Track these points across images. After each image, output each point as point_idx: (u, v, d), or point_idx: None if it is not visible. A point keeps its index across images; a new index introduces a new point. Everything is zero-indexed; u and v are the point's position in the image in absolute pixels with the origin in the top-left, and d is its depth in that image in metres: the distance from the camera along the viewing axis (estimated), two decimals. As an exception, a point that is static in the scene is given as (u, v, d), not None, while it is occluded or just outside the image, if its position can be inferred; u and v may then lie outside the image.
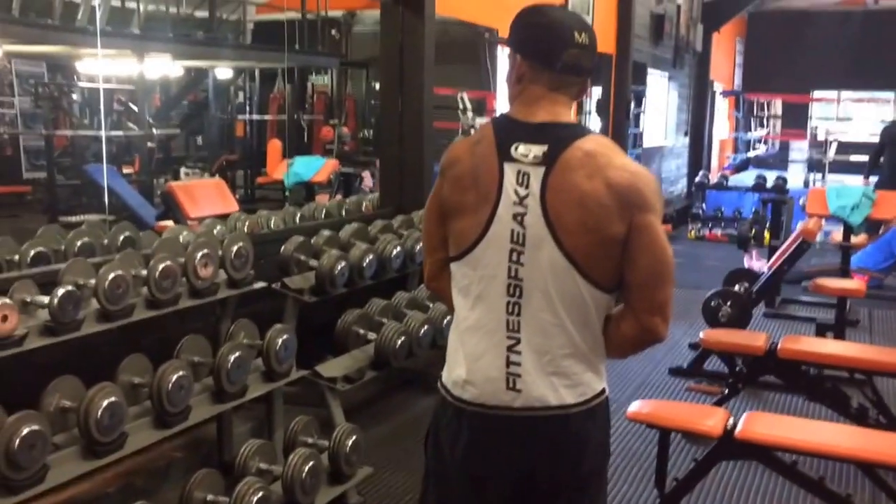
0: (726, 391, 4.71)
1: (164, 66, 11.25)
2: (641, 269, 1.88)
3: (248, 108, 13.15)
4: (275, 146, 11.65)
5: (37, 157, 10.65)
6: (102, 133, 5.34)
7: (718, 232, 11.27)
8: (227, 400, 3.35)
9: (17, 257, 3.66)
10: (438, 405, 2.07)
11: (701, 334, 4.80)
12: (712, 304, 5.80)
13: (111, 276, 3.05)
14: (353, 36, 11.87)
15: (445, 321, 4.40)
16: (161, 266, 3.27)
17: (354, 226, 4.68)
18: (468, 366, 1.97)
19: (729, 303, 5.72)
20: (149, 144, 10.06)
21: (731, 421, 3.49)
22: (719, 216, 11.40)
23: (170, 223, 6.60)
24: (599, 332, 1.95)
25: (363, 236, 4.64)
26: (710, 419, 3.53)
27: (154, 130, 10.50)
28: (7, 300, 2.72)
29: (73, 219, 7.45)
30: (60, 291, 2.88)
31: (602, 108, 10.14)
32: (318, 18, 11.12)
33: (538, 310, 1.89)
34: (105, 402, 2.76)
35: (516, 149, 1.89)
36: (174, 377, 3.04)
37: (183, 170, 11.60)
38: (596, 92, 10.38)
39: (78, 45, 8.20)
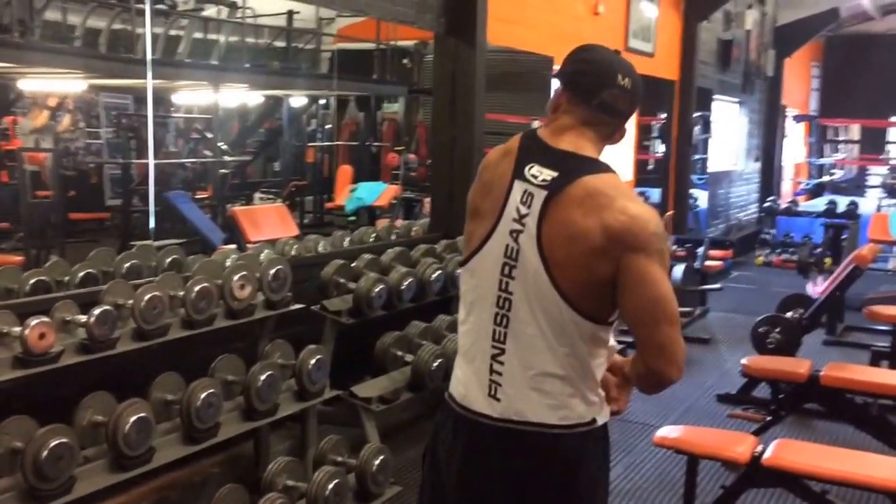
0: (769, 418, 4.64)
1: (241, 95, 11.66)
2: (630, 309, 1.90)
3: (319, 135, 13.47)
4: (344, 172, 11.93)
5: (119, 184, 11.09)
6: (150, 161, 5.54)
7: (787, 258, 11.04)
8: (258, 418, 3.46)
9: (67, 278, 3.87)
10: (438, 415, 2.13)
11: (743, 360, 4.76)
12: (760, 330, 5.71)
13: (147, 296, 3.21)
14: (424, 65, 12.12)
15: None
16: (197, 287, 3.42)
17: (397, 250, 4.78)
18: (463, 367, 2.06)
19: (778, 329, 5.63)
20: (221, 171, 10.44)
21: (759, 448, 3.46)
22: (788, 242, 11.18)
23: (233, 247, 6.83)
24: (588, 362, 1.95)
25: (405, 260, 4.73)
26: (739, 446, 3.51)
27: (225, 157, 10.88)
28: (44, 318, 2.88)
29: (145, 243, 7.73)
30: (97, 311, 3.04)
31: (665, 133, 10.08)
32: (388, 48, 11.41)
33: (524, 324, 1.93)
34: (133, 418, 2.89)
35: (530, 169, 1.95)
36: (203, 395, 3.16)
37: (257, 194, 11.99)
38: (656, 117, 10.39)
39: (156, 78, 8.59)
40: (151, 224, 4.80)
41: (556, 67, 7.03)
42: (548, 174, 1.93)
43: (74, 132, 10.91)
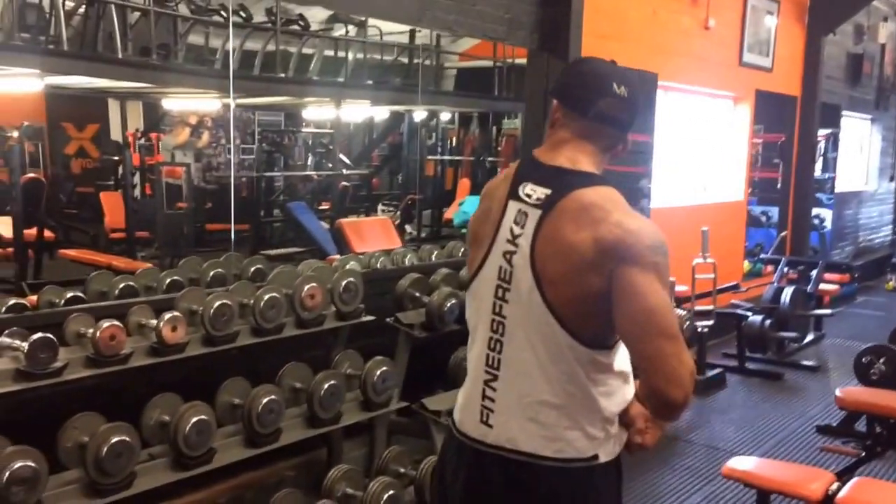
0: (863, 454, 4.41)
1: (368, 110, 11.97)
2: (622, 323, 1.79)
3: (439, 150, 13.65)
4: (464, 185, 12.06)
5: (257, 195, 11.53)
6: (231, 175, 5.74)
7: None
8: (320, 425, 3.55)
9: (156, 284, 4.07)
10: (445, 437, 2.12)
11: (838, 392, 4.54)
12: (864, 360, 5.41)
13: (217, 304, 3.35)
14: (548, 82, 12.04)
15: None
16: (266, 296, 3.53)
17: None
18: (461, 392, 2.05)
19: (882, 360, 5.32)
20: (342, 184, 10.74)
21: (835, 485, 3.30)
22: (922, 267, 10.60)
23: (338, 257, 7.01)
24: (590, 390, 1.86)
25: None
26: (813, 483, 3.37)
27: (344, 171, 11.18)
28: (115, 322, 3.04)
29: (273, 252, 8.10)
30: (167, 316, 3.19)
31: (784, 151, 9.71)
32: (504, 66, 11.49)
33: (519, 349, 1.87)
34: (194, 419, 3.02)
35: (524, 188, 1.91)
36: (265, 400, 3.27)
37: (380, 206, 12.28)
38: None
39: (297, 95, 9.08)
40: (232, 236, 4.94)
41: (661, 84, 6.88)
42: (542, 192, 1.88)
43: (216, 148, 11.42)
